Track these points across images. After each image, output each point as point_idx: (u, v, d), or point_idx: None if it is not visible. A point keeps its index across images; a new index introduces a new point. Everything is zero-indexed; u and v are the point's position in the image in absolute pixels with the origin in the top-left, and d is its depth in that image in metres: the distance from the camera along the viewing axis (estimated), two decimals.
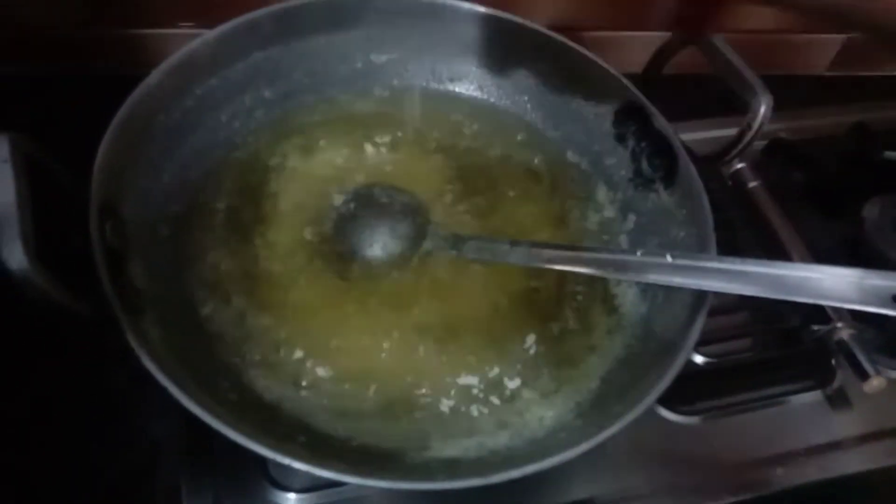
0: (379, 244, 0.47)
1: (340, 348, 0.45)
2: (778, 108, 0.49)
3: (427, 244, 0.47)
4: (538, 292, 0.49)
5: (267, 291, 0.46)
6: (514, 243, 0.44)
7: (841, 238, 0.62)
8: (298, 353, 0.44)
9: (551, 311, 0.49)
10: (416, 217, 0.48)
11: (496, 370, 0.46)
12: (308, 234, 0.49)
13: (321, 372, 0.44)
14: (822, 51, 0.84)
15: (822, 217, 0.64)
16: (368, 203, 0.49)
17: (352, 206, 0.49)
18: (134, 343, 0.35)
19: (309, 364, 0.44)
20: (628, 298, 0.49)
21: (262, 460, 0.45)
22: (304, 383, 0.43)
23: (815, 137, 0.71)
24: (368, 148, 0.55)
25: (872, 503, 0.55)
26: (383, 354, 0.45)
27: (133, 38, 0.66)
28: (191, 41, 0.47)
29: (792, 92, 0.53)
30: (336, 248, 0.48)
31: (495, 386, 0.45)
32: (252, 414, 0.40)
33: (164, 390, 0.34)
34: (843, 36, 0.82)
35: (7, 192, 0.34)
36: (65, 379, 0.49)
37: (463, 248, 0.46)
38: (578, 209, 0.55)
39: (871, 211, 0.63)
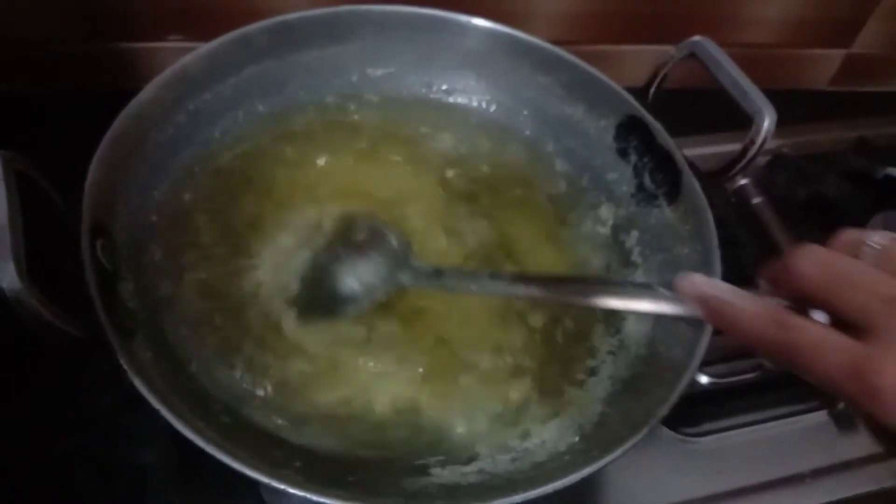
0: (349, 285, 0.44)
1: (338, 374, 0.44)
2: (780, 124, 0.49)
3: (405, 278, 0.44)
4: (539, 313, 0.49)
5: (258, 313, 0.45)
6: (493, 276, 0.42)
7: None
8: (292, 376, 0.43)
9: (553, 333, 0.48)
10: (390, 253, 0.45)
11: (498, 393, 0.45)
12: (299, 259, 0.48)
13: (316, 396, 0.43)
14: (824, 66, 0.84)
15: (825, 233, 0.64)
16: (340, 241, 0.47)
17: (322, 245, 0.47)
18: (125, 365, 0.34)
19: (304, 387, 0.43)
20: (631, 318, 0.48)
21: (255, 484, 0.44)
22: (298, 408, 0.42)
23: (818, 153, 0.71)
24: (364, 163, 0.54)
25: None
26: (380, 383, 0.44)
27: (124, 53, 0.66)
28: (183, 55, 0.47)
29: (794, 107, 0.53)
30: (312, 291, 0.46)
31: (497, 410, 0.44)
32: (245, 437, 0.39)
33: (153, 413, 0.34)
34: (844, 51, 0.82)
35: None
36: (52, 402, 0.49)
37: (443, 280, 0.43)
38: (580, 225, 0.54)
39: (873, 227, 0.63)
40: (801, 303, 0.29)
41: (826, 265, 0.29)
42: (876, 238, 0.29)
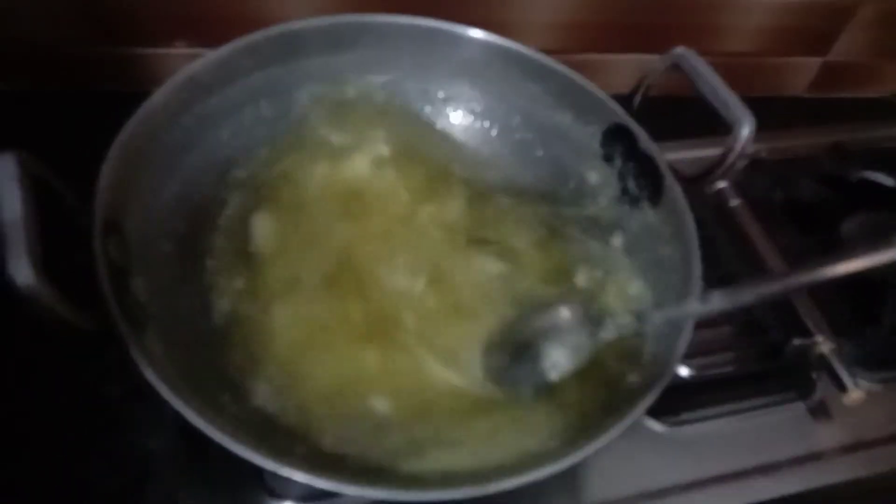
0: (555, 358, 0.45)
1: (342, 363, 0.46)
2: (759, 129, 0.50)
3: (608, 333, 0.44)
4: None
5: (269, 304, 0.47)
6: (704, 300, 0.42)
7: (819, 253, 0.63)
8: (300, 366, 0.45)
9: None
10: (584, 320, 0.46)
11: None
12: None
13: (322, 384, 0.45)
14: (801, 73, 0.86)
15: (802, 235, 0.66)
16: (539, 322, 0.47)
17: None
18: (137, 357, 0.36)
19: (310, 377, 0.45)
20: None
21: (259, 470, 0.45)
22: (303, 394, 0.44)
23: (795, 158, 0.73)
24: (365, 165, 0.56)
25: None
26: (383, 369, 0.46)
27: (131, 58, 0.67)
28: (188, 62, 0.48)
29: (772, 113, 0.54)
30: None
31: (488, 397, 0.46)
32: (252, 425, 0.41)
33: (160, 403, 0.35)
34: (821, 59, 0.85)
35: (14, 209, 0.35)
36: (60, 392, 0.50)
37: (645, 320, 0.44)
38: (566, 227, 0.56)
39: (848, 228, 0.65)
40: None
41: None
42: None
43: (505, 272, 0.52)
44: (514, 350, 0.47)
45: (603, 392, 0.46)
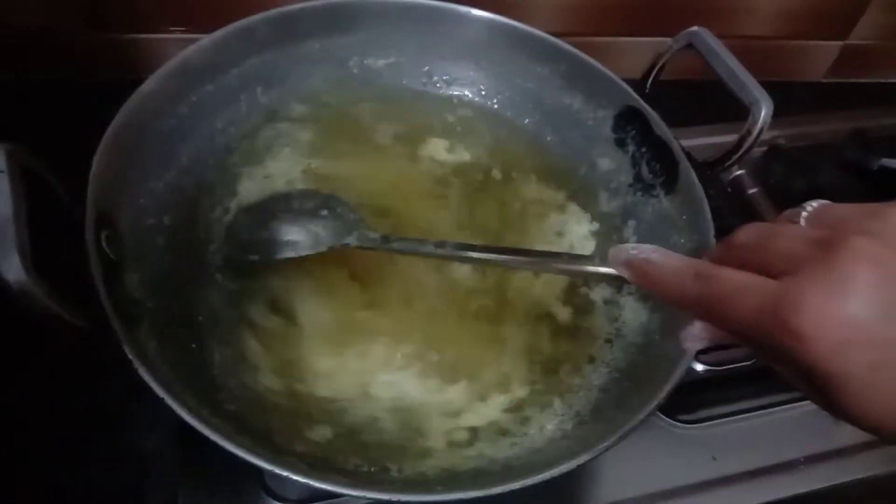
0: (294, 232, 0.46)
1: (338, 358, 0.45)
2: (776, 115, 0.49)
3: (351, 239, 0.45)
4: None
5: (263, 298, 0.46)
6: (439, 244, 0.43)
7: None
8: (299, 362, 0.44)
9: (553, 320, 0.49)
10: (341, 217, 0.47)
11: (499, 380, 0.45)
12: None
13: (320, 380, 0.43)
14: (820, 58, 0.84)
15: None
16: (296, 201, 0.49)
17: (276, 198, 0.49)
18: (130, 354, 0.35)
19: (308, 372, 0.44)
20: (629, 306, 0.49)
21: (258, 470, 0.45)
22: (302, 391, 0.43)
23: (813, 144, 0.72)
24: (365, 154, 0.55)
25: None
26: (383, 363, 0.45)
27: (126, 43, 0.66)
28: (184, 47, 0.47)
29: (789, 99, 0.53)
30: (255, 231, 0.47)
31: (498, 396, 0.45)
32: (250, 424, 0.40)
33: (157, 401, 0.34)
34: (840, 43, 0.83)
35: (4, 203, 0.34)
36: (56, 391, 0.49)
37: (390, 244, 0.44)
38: (577, 215, 0.55)
39: None
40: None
41: (760, 229, 0.30)
42: (811, 204, 0.31)
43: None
44: (260, 217, 0.47)
45: (614, 390, 0.44)
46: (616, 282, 0.42)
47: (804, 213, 0.31)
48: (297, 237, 0.46)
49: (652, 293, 0.33)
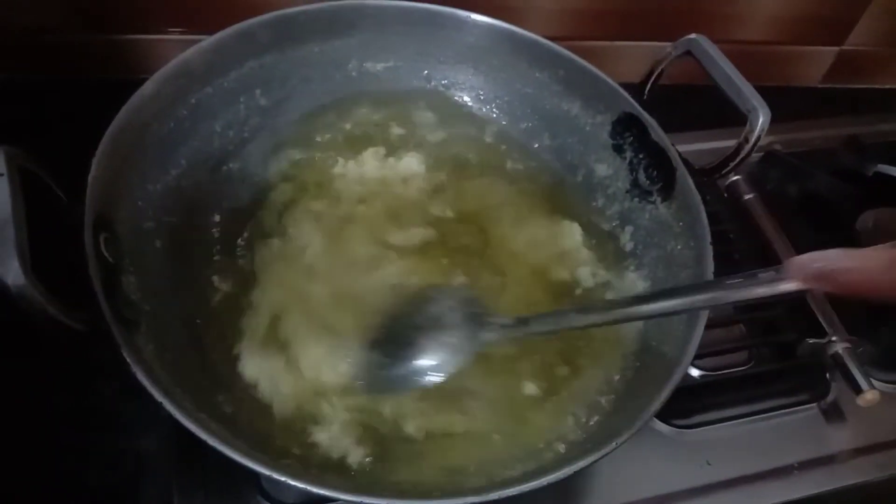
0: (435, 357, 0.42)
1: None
2: (773, 121, 0.49)
3: (490, 336, 0.42)
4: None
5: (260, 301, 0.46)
6: (581, 309, 0.42)
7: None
8: (296, 364, 0.44)
9: None
10: (467, 317, 0.43)
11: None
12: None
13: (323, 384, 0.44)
14: (816, 63, 0.84)
15: (817, 229, 0.65)
16: (415, 314, 0.45)
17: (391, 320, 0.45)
18: (128, 357, 0.35)
19: (306, 374, 0.44)
20: None
21: (255, 473, 0.44)
22: (300, 396, 0.43)
23: (810, 150, 0.72)
24: (363, 159, 0.55)
25: None
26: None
27: (125, 44, 0.66)
28: (184, 48, 0.47)
29: (786, 104, 0.53)
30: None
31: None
32: (247, 427, 0.40)
33: (154, 403, 0.34)
34: (836, 49, 0.83)
35: (3, 206, 0.34)
36: (53, 392, 0.49)
37: (529, 328, 0.42)
38: (574, 221, 0.55)
39: (864, 223, 0.63)
40: None
41: None
42: None
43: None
44: (392, 349, 0.44)
45: (611, 395, 0.44)
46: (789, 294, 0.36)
47: None
48: (437, 359, 0.42)
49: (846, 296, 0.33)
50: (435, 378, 0.42)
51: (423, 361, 0.42)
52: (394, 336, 0.44)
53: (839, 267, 0.32)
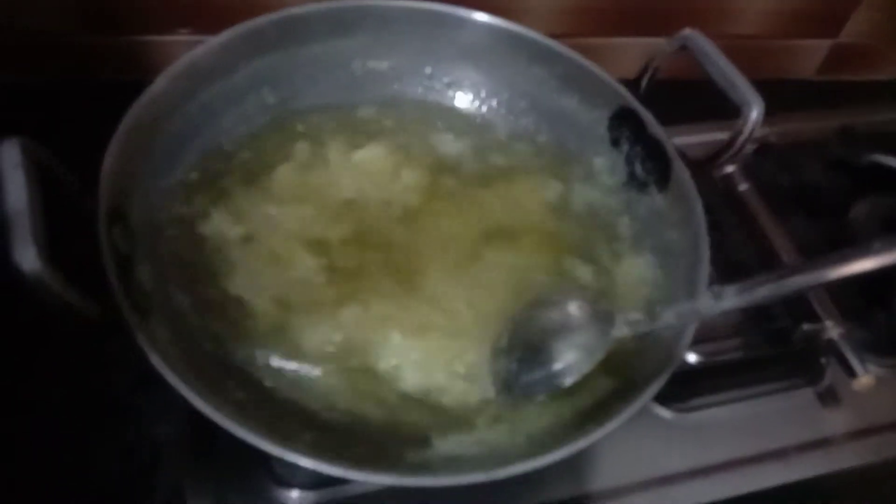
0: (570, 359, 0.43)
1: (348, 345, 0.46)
2: (767, 113, 0.50)
3: (619, 332, 0.42)
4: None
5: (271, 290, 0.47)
6: (717, 296, 0.40)
7: (829, 239, 0.63)
8: (305, 351, 0.45)
9: None
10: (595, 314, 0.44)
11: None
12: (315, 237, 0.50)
13: (328, 369, 0.44)
14: (810, 56, 0.85)
15: (811, 219, 0.66)
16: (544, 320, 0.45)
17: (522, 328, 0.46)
18: (143, 344, 0.36)
19: (315, 362, 0.45)
20: None
21: (266, 457, 0.45)
22: (310, 378, 0.44)
23: (803, 141, 0.72)
24: (366, 155, 0.56)
25: (863, 499, 0.57)
26: (388, 350, 0.46)
27: (133, 45, 0.67)
28: (191, 48, 0.48)
29: (780, 96, 0.54)
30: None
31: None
32: (259, 412, 0.41)
33: (166, 391, 0.35)
34: (829, 41, 0.84)
35: (19, 196, 0.35)
36: (67, 382, 0.50)
37: (656, 321, 0.42)
38: (573, 212, 0.55)
39: (858, 213, 0.64)
40: None
41: None
42: None
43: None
44: (523, 354, 0.44)
45: (610, 379, 0.45)
46: None
47: None
48: (571, 360, 0.42)
49: None
50: (569, 380, 0.42)
51: (556, 365, 0.43)
52: (521, 342, 0.45)
53: None
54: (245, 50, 0.51)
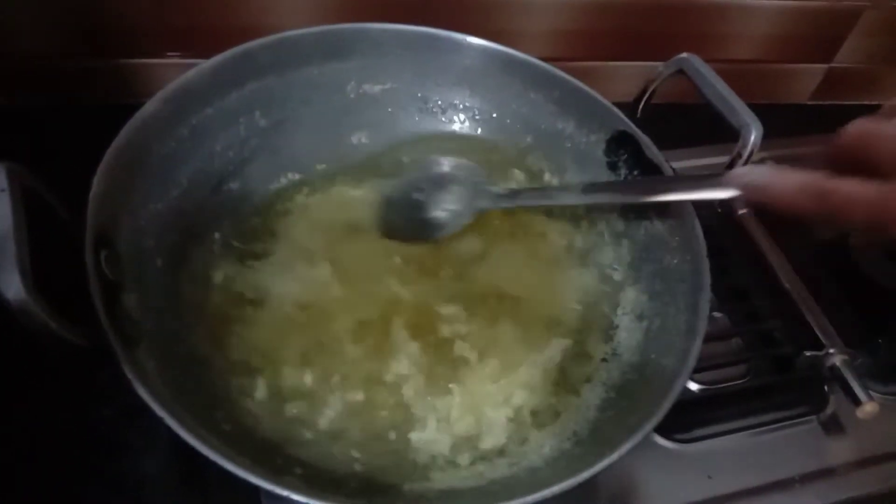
0: (437, 215, 0.52)
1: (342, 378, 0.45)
2: (763, 137, 0.50)
3: (485, 202, 0.52)
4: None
5: (261, 321, 0.46)
6: (563, 187, 0.53)
7: (829, 264, 0.63)
8: (297, 381, 0.44)
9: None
10: (468, 184, 0.54)
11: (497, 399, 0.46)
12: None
13: (321, 402, 0.44)
14: (805, 80, 0.86)
15: (811, 244, 0.65)
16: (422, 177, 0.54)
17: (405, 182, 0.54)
18: (130, 374, 0.35)
19: (307, 392, 0.44)
20: (624, 327, 0.49)
21: (255, 491, 0.44)
22: (301, 413, 0.43)
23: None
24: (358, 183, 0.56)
25: None
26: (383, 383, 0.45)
27: (123, 68, 0.67)
28: (182, 72, 0.48)
29: (775, 121, 0.54)
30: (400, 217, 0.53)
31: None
32: (248, 444, 0.40)
33: (154, 423, 0.34)
34: (825, 66, 0.84)
35: (4, 222, 0.34)
36: (53, 415, 0.49)
37: (519, 199, 0.52)
38: (571, 238, 0.55)
39: (858, 238, 0.64)
40: (844, 172, 0.33)
41: (862, 131, 0.33)
42: None
43: None
44: (408, 206, 0.53)
45: (611, 409, 0.45)
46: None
47: None
48: (442, 219, 0.52)
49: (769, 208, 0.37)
50: (440, 234, 0.52)
51: (431, 216, 0.52)
52: (406, 195, 0.54)
53: (766, 181, 0.37)
54: (238, 73, 0.50)
